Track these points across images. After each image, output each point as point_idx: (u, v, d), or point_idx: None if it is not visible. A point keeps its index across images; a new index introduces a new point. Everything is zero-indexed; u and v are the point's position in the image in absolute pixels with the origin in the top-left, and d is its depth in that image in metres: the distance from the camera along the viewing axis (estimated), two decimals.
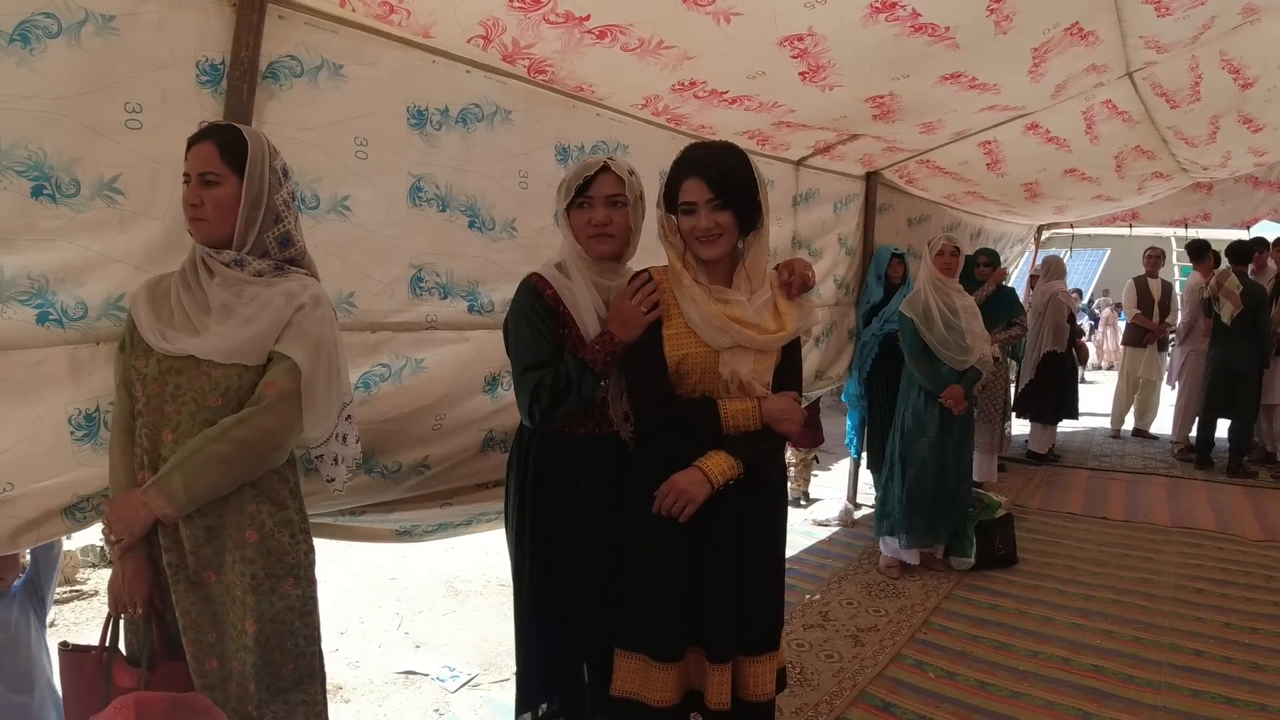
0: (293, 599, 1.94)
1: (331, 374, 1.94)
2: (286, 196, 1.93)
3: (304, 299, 1.90)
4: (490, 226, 2.82)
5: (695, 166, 2.09)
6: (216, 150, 1.81)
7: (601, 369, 2.16)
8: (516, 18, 2.45)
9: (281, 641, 1.92)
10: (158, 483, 1.78)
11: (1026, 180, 6.39)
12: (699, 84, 3.17)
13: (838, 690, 3.26)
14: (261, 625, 1.87)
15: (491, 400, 2.91)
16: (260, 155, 1.85)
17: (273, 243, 1.91)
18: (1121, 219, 9.32)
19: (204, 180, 1.82)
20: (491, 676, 3.42)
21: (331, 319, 1.97)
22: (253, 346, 1.85)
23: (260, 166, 1.85)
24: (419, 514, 2.83)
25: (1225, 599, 4.19)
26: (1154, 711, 3.09)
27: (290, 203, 1.95)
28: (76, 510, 1.98)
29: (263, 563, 1.88)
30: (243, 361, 1.85)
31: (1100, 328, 17.16)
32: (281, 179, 1.92)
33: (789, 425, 2.17)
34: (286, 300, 1.88)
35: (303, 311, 1.89)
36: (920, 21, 2.94)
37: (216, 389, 1.84)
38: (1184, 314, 7.89)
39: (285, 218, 1.93)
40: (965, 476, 4.61)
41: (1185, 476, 6.90)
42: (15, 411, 1.85)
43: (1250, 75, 4.59)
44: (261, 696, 1.90)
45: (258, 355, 1.86)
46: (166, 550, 1.86)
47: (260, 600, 1.87)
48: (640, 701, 2.18)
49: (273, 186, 1.88)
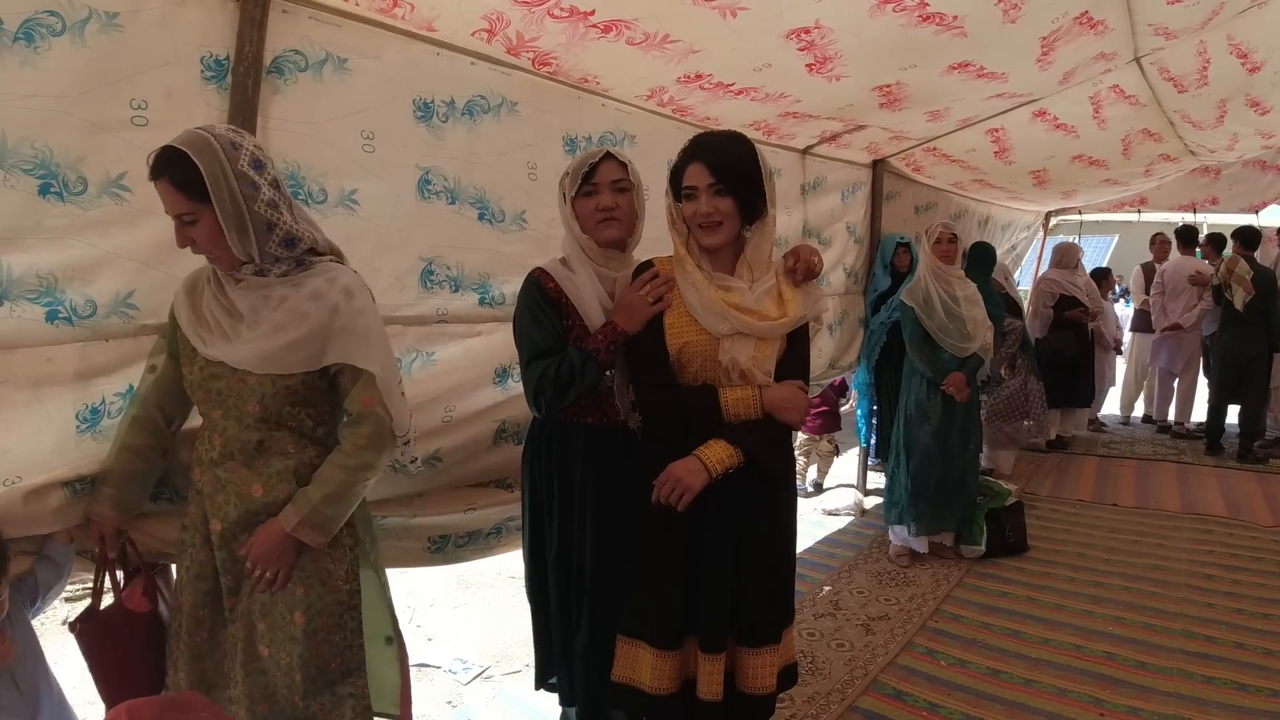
0: (343, 593, 1.96)
1: (391, 361, 1.94)
2: (270, 196, 1.79)
3: (334, 297, 1.84)
4: (500, 218, 2.81)
5: (699, 152, 2.11)
6: (175, 189, 1.71)
7: (605, 358, 2.18)
8: (520, 12, 2.44)
9: (330, 635, 1.93)
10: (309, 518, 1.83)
11: (1034, 168, 6.35)
12: (705, 76, 3.15)
13: (849, 679, 3.27)
14: (310, 618, 1.89)
15: (502, 391, 2.91)
16: (219, 173, 1.70)
17: (278, 248, 1.83)
18: (1129, 204, 9.29)
19: (182, 221, 1.76)
20: (504, 668, 3.43)
21: (370, 305, 1.93)
22: (285, 355, 1.82)
23: (224, 186, 1.71)
24: (445, 520, 2.81)
25: (1237, 585, 4.18)
26: (1166, 698, 3.08)
27: (278, 202, 1.81)
28: (77, 484, 1.96)
29: (312, 556, 1.91)
30: (278, 371, 1.83)
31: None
32: (256, 178, 1.77)
33: (791, 414, 2.15)
34: (316, 303, 1.83)
35: (340, 312, 1.85)
36: (928, 11, 2.92)
37: (253, 396, 1.84)
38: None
39: (278, 221, 1.81)
40: (971, 464, 4.60)
41: (1195, 463, 6.87)
42: (26, 409, 1.85)
43: (1258, 59, 4.55)
44: (308, 688, 1.91)
45: (294, 365, 1.84)
46: (219, 548, 1.89)
47: (310, 592, 1.90)
48: (638, 688, 2.19)
49: (248, 197, 1.74)
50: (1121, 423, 8.67)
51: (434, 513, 2.73)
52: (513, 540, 3.04)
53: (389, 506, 2.66)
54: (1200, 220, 9.37)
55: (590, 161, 2.27)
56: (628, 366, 2.27)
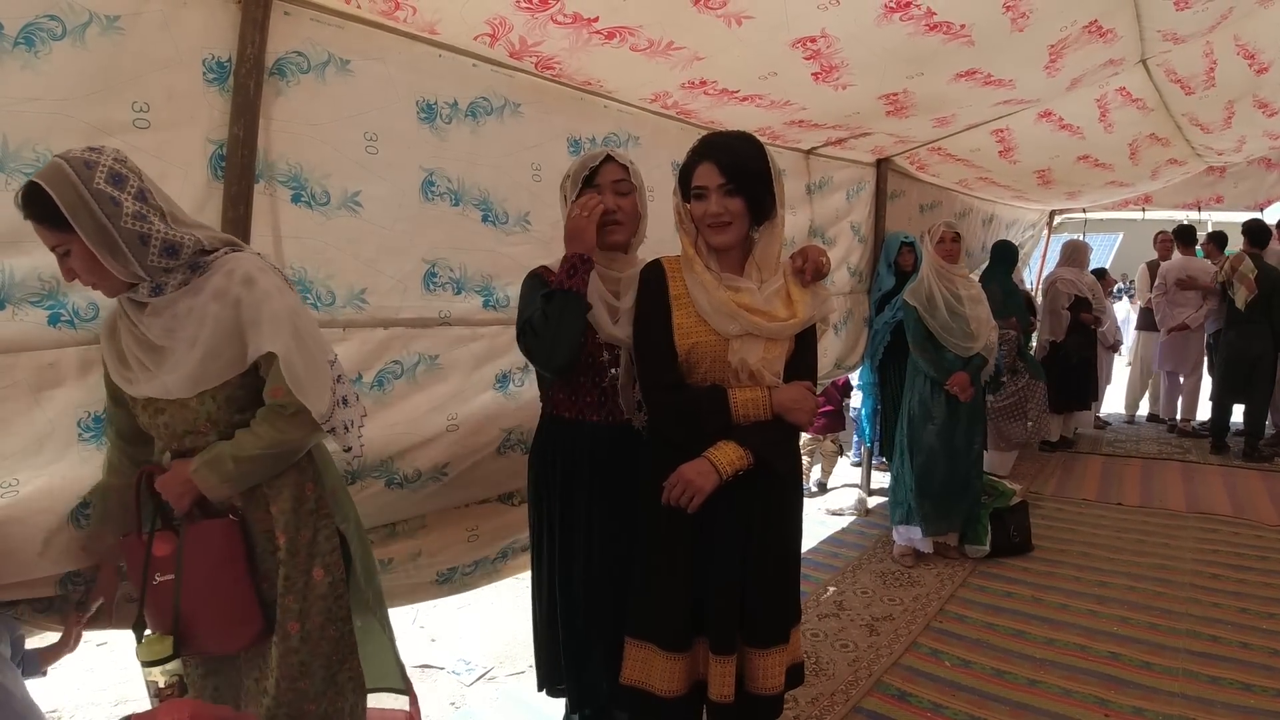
0: (322, 588, 1.94)
1: (303, 339, 1.83)
2: (135, 209, 1.67)
3: (235, 290, 1.76)
4: (504, 220, 2.81)
5: (709, 152, 2.09)
6: (39, 224, 1.63)
7: (570, 284, 2.16)
8: (524, 17, 2.43)
9: (325, 631, 1.94)
10: (211, 461, 1.79)
11: (1039, 167, 6.35)
12: (709, 83, 3.15)
13: (854, 679, 3.26)
14: (304, 623, 1.89)
15: (505, 396, 2.90)
16: (75, 199, 1.60)
17: (160, 258, 1.72)
18: (1134, 203, 9.26)
19: (60, 255, 1.68)
20: (507, 669, 3.42)
21: (276, 286, 1.83)
22: (209, 368, 1.77)
23: (83, 210, 1.61)
24: (452, 553, 2.84)
25: (1242, 584, 4.17)
26: (1171, 698, 3.07)
27: (145, 213, 1.69)
28: (80, 514, 1.98)
29: (292, 562, 1.90)
30: (209, 386, 1.79)
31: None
32: (115, 194, 1.64)
33: (800, 415, 2.14)
34: (220, 302, 1.75)
35: (244, 304, 1.76)
36: (935, 20, 2.91)
37: (200, 417, 1.83)
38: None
39: (150, 232, 1.69)
40: (976, 464, 4.59)
41: (1201, 462, 6.85)
42: (27, 413, 1.86)
43: (1265, 60, 4.54)
44: (316, 689, 1.92)
45: (222, 374, 1.79)
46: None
47: (298, 599, 1.90)
48: (648, 691, 2.18)
49: (111, 215, 1.63)
50: (1126, 421, 8.65)
51: (438, 548, 2.78)
52: (519, 562, 3.06)
53: (392, 547, 2.68)
54: (1205, 218, 9.35)
55: (591, 164, 2.27)
56: (636, 366, 2.26)
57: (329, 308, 2.37)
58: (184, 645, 1.86)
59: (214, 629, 1.87)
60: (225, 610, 1.87)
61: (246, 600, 1.88)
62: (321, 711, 1.94)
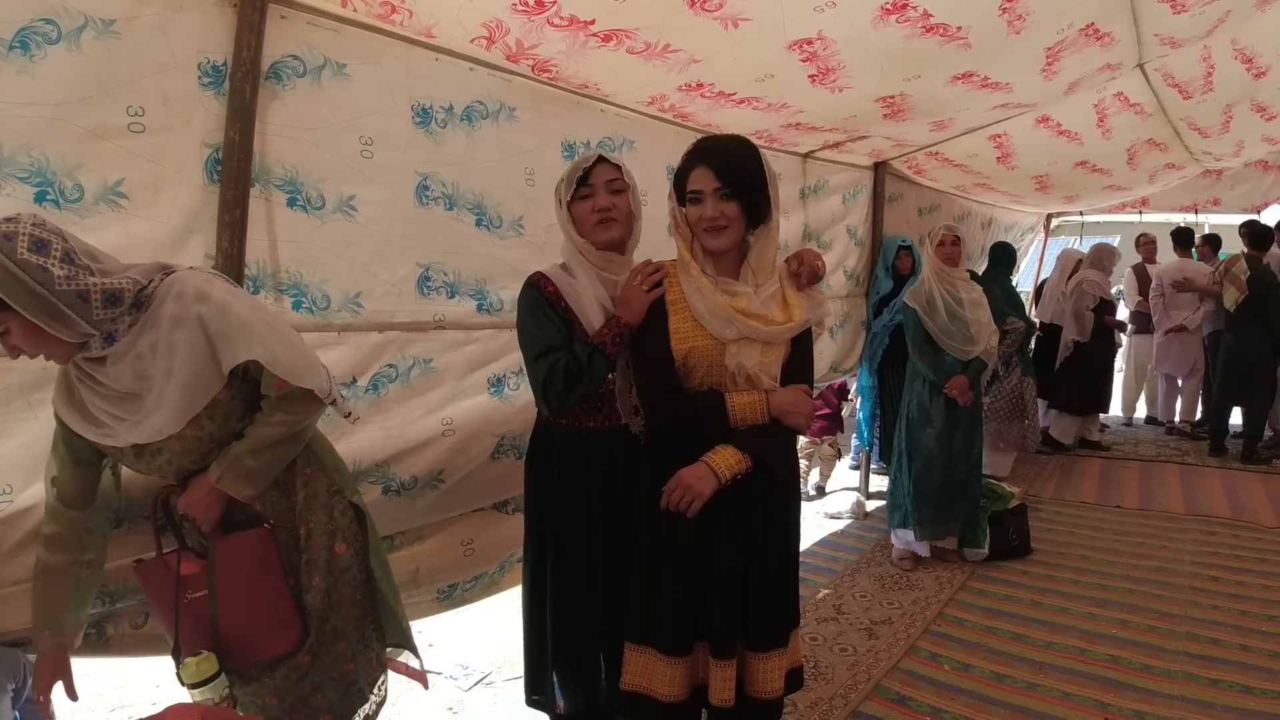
0: (346, 559, 2.04)
1: (275, 331, 1.83)
2: (65, 272, 1.60)
3: (192, 309, 1.72)
4: (498, 224, 2.81)
5: (704, 156, 2.09)
6: None
7: (612, 351, 2.18)
8: (520, 20, 2.43)
9: (354, 596, 2.07)
10: (232, 467, 1.83)
11: (1037, 173, 6.35)
12: (706, 85, 3.15)
13: (852, 683, 3.25)
14: (331, 594, 2.00)
15: (500, 400, 2.90)
16: (5, 278, 1.53)
17: (103, 310, 1.67)
18: (1131, 206, 9.26)
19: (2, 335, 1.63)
20: (505, 674, 3.42)
21: (228, 294, 1.79)
22: (192, 394, 1.75)
23: (13, 286, 1.54)
24: (451, 571, 2.87)
25: (1241, 586, 4.16)
26: (1171, 701, 3.07)
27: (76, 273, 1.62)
28: None
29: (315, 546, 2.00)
30: (198, 410, 1.78)
31: None
32: (42, 262, 1.56)
33: (798, 418, 2.14)
34: (182, 328, 1.71)
35: (207, 321, 1.72)
36: (932, 22, 2.91)
37: (203, 443, 1.85)
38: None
39: (88, 287, 1.64)
40: (975, 467, 4.58)
41: (1199, 464, 6.85)
42: (18, 416, 1.86)
43: (1263, 64, 4.54)
44: (352, 648, 2.07)
45: (206, 394, 1.77)
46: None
47: (324, 577, 2.00)
48: (649, 695, 2.18)
49: (44, 283, 1.56)
50: (1124, 424, 8.65)
51: (435, 565, 2.81)
52: (517, 575, 3.04)
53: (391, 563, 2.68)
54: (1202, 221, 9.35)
55: (584, 166, 2.27)
56: (633, 371, 2.26)
57: (324, 312, 2.37)
58: (228, 658, 1.89)
59: (256, 638, 1.91)
60: (266, 617, 1.92)
61: (284, 605, 1.94)
62: (358, 667, 2.09)
